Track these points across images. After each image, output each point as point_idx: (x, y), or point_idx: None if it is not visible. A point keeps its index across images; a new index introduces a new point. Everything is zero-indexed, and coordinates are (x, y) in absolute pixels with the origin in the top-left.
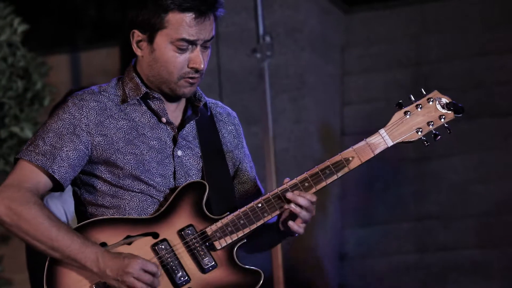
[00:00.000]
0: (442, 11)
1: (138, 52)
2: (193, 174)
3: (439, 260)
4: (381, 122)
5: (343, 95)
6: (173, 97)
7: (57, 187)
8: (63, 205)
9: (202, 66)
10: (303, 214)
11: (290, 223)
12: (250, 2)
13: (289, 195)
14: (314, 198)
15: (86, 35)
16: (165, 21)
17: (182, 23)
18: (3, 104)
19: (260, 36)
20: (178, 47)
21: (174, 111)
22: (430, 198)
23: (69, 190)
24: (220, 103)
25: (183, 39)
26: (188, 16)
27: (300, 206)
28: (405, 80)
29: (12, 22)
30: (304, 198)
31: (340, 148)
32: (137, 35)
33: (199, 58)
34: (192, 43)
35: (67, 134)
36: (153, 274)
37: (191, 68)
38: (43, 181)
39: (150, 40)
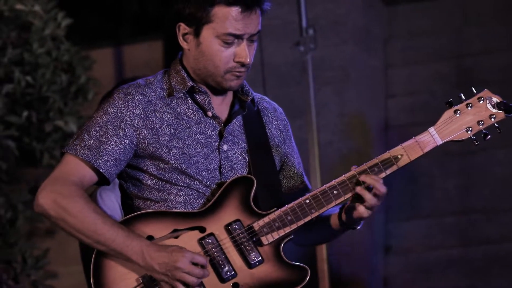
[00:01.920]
0: (484, 3)
1: (184, 45)
2: (239, 169)
3: (484, 254)
4: (425, 114)
5: (387, 88)
6: (219, 91)
7: (103, 181)
8: (117, 198)
9: (248, 60)
10: (369, 197)
11: (360, 208)
12: None
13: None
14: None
15: (129, 28)
16: (211, 15)
17: (228, 17)
18: (47, 98)
19: (303, 29)
20: (224, 41)
21: (220, 105)
22: (474, 191)
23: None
24: (266, 98)
25: (229, 34)
26: (235, 10)
27: (369, 190)
28: (448, 72)
29: (56, 16)
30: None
31: (384, 140)
32: (183, 28)
33: (245, 52)
34: (238, 37)
35: (113, 128)
36: (202, 266)
37: (237, 62)
38: (89, 175)
39: (196, 34)
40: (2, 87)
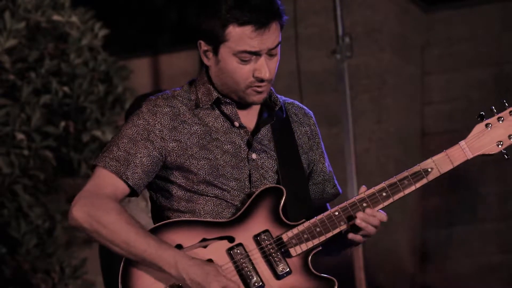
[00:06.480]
0: None
1: (206, 61)
2: (269, 177)
3: None
4: (462, 122)
5: (424, 95)
6: (244, 104)
7: (132, 193)
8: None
9: (267, 75)
10: (370, 229)
11: (352, 236)
12: (329, 3)
13: (359, 215)
14: (384, 219)
15: (166, 38)
16: (226, 34)
17: (242, 36)
18: (85, 108)
19: (339, 37)
20: (241, 59)
21: (247, 115)
22: None
23: (134, 199)
24: (296, 103)
25: (245, 51)
26: (248, 29)
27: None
28: (486, 79)
29: (93, 27)
30: (375, 218)
31: (421, 148)
32: (203, 45)
33: (264, 68)
34: (255, 53)
35: (141, 140)
36: None
37: (256, 77)
38: (121, 187)
39: (215, 52)
40: (40, 98)
